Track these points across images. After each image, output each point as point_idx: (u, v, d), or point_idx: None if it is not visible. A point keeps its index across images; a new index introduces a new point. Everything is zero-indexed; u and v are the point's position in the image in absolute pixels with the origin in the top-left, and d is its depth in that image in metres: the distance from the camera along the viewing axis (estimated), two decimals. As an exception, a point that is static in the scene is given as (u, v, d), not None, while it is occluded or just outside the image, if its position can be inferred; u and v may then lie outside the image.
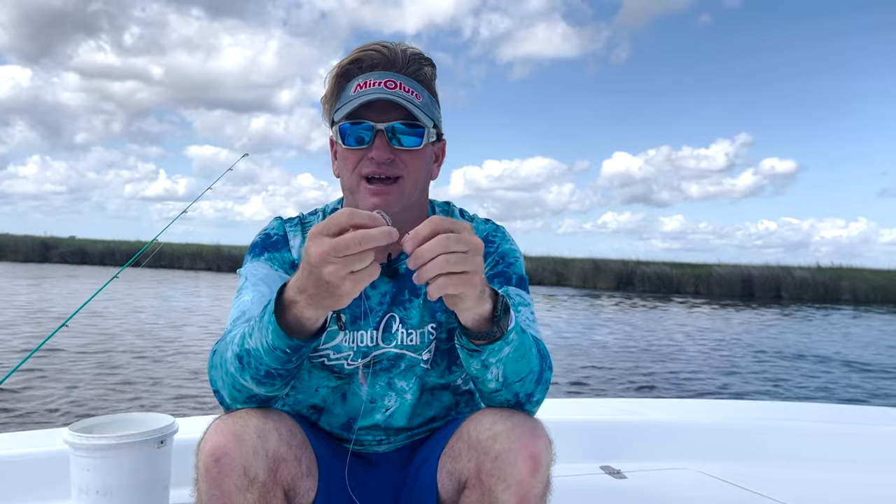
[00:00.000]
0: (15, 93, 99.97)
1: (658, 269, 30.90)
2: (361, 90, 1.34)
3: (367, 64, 1.37)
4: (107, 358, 8.39)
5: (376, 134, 1.32)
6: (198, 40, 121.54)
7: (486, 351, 1.19)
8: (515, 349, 1.21)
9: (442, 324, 1.43)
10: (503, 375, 1.23)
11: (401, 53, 1.38)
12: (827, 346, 12.88)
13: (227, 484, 1.16)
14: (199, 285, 23.12)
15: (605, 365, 9.43)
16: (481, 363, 1.21)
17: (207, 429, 1.22)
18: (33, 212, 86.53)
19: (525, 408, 1.31)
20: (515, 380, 1.25)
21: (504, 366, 1.22)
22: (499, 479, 1.20)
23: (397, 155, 1.33)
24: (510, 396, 1.28)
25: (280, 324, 1.14)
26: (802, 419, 2.87)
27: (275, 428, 1.23)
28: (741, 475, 2.34)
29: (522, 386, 1.27)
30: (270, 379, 1.22)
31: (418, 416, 1.45)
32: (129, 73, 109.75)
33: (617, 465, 2.40)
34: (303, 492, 1.28)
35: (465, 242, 1.05)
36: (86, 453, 1.59)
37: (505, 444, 1.21)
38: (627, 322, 16.40)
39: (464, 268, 1.05)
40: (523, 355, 1.24)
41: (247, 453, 1.17)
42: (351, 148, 1.35)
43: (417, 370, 1.42)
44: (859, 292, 27.31)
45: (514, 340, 1.20)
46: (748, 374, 9.45)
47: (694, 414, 2.93)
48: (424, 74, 1.40)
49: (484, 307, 1.14)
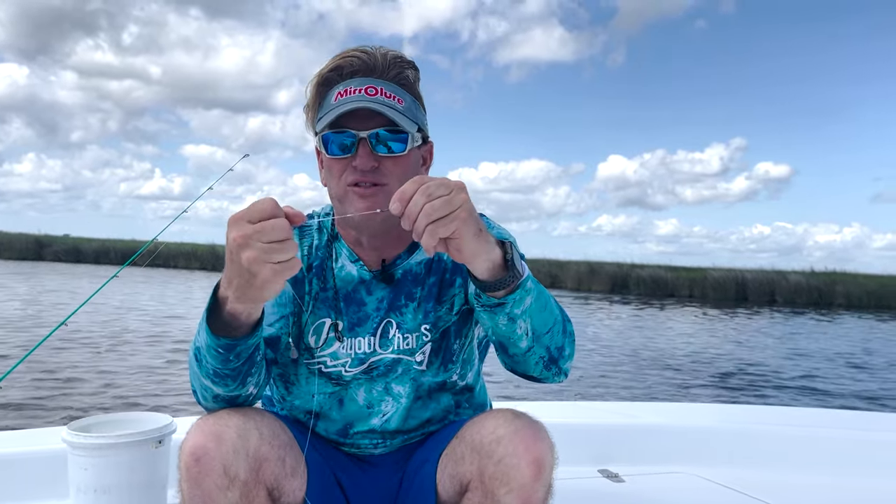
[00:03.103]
0: (12, 90, 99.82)
1: (653, 273, 30.93)
2: (342, 98, 1.33)
3: (347, 71, 1.36)
4: (106, 357, 8.36)
5: (359, 142, 1.32)
6: (196, 40, 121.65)
7: (510, 302, 1.18)
8: (536, 298, 1.21)
9: (436, 322, 1.43)
10: (531, 328, 1.23)
11: (381, 58, 1.37)
12: (825, 349, 12.91)
13: (207, 483, 1.16)
14: (192, 286, 23.05)
15: (603, 368, 9.44)
16: (507, 318, 1.20)
17: (189, 429, 1.22)
18: (28, 209, 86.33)
19: (559, 364, 1.31)
20: (544, 331, 1.25)
21: (531, 318, 1.21)
22: (501, 483, 1.20)
23: (381, 162, 1.33)
24: (543, 352, 1.27)
25: (218, 320, 1.14)
26: (799, 424, 2.88)
27: (256, 427, 1.23)
28: (738, 479, 2.34)
29: (552, 338, 1.27)
30: (221, 379, 1.22)
31: (414, 418, 1.44)
32: (127, 72, 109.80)
33: (615, 468, 2.40)
34: (288, 491, 1.27)
35: (446, 186, 1.07)
36: (84, 452, 1.58)
37: (508, 447, 1.21)
38: (627, 324, 16.41)
39: (449, 209, 1.06)
40: (545, 304, 1.24)
41: (227, 452, 1.17)
42: (335, 157, 1.34)
43: (412, 372, 1.42)
44: (853, 297, 27.43)
45: (533, 289, 1.20)
46: (748, 378, 9.47)
47: (691, 418, 2.93)
48: (407, 78, 1.39)
49: (494, 252, 1.15)
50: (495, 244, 1.16)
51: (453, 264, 1.45)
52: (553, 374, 1.33)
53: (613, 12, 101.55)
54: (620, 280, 30.92)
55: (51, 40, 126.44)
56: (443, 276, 1.44)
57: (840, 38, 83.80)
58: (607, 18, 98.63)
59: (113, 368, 7.71)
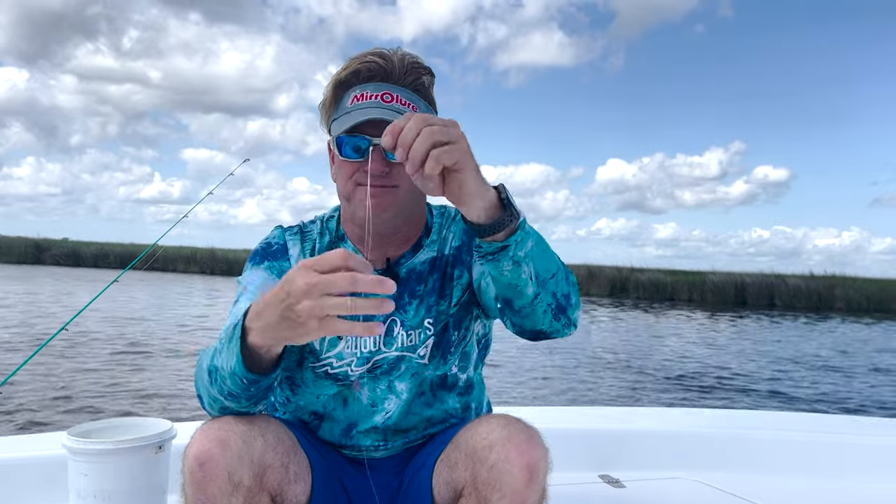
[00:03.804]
0: (11, 94, 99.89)
1: (652, 276, 30.94)
2: (358, 102, 1.34)
3: (364, 75, 1.37)
4: (106, 361, 8.35)
5: (373, 148, 1.32)
6: (196, 44, 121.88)
7: (513, 244, 1.15)
8: (537, 241, 1.20)
9: (437, 316, 1.44)
10: (536, 272, 1.20)
11: (398, 63, 1.38)
12: (825, 355, 12.91)
13: (211, 489, 1.17)
14: (192, 290, 23.04)
15: (602, 372, 9.43)
16: (511, 262, 1.17)
17: (194, 434, 1.23)
18: (27, 213, 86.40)
19: (567, 313, 1.29)
20: (548, 276, 1.23)
21: (534, 261, 1.19)
22: (494, 489, 1.20)
23: (393, 167, 1.34)
24: (550, 299, 1.25)
25: (244, 350, 1.13)
26: (800, 429, 2.88)
27: (260, 434, 1.24)
28: (739, 485, 2.34)
29: (557, 284, 1.25)
30: (235, 399, 1.22)
31: (414, 414, 1.44)
32: (127, 77, 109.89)
33: (615, 474, 2.40)
34: (291, 497, 1.28)
35: (441, 120, 1.06)
36: (84, 458, 1.58)
37: (501, 453, 1.21)
38: (627, 328, 16.41)
39: (448, 137, 1.04)
40: (546, 248, 1.23)
41: (231, 458, 1.18)
42: (348, 160, 1.36)
43: (414, 366, 1.43)
44: (852, 301, 27.41)
45: (532, 231, 1.19)
46: (749, 383, 9.46)
47: (692, 423, 2.93)
48: (422, 84, 1.40)
49: (490, 192, 1.13)
50: (489, 185, 1.13)
51: (454, 258, 1.46)
52: (563, 326, 1.30)
53: (612, 17, 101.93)
54: (620, 284, 30.92)
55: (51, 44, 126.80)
56: (444, 270, 1.46)
57: (839, 42, 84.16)
58: (606, 23, 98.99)
59: (115, 372, 7.70)
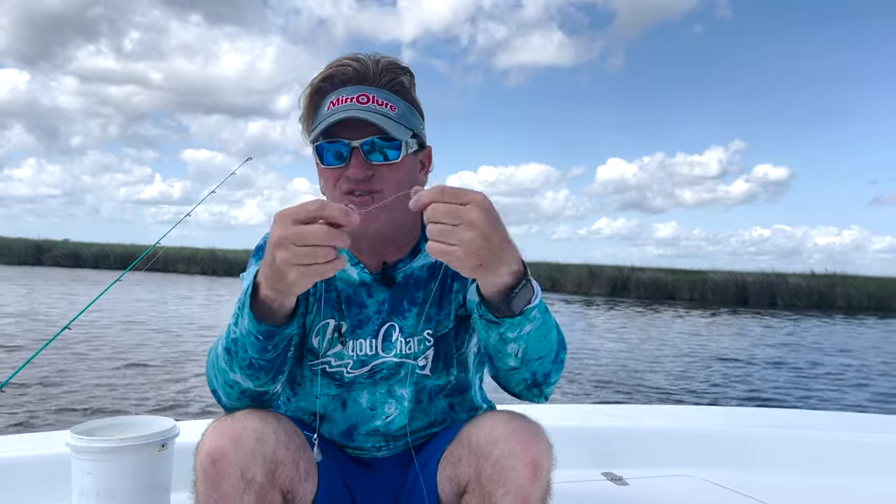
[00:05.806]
0: (12, 96, 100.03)
1: (653, 276, 30.93)
2: (334, 107, 1.32)
3: (339, 79, 1.36)
4: (109, 361, 8.35)
5: (352, 151, 1.31)
6: (197, 46, 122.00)
7: (506, 325, 1.17)
8: (538, 328, 1.20)
9: (437, 327, 1.43)
10: (523, 353, 1.22)
11: (373, 65, 1.36)
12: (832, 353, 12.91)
13: (224, 486, 1.17)
14: (193, 291, 23.05)
15: (603, 372, 9.43)
16: (499, 337, 1.20)
17: (206, 430, 1.23)
18: (27, 214, 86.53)
19: (541, 388, 1.30)
20: (535, 358, 1.24)
21: (525, 344, 1.21)
22: (498, 484, 1.20)
23: (376, 170, 1.32)
24: (528, 375, 1.27)
25: (254, 307, 1.17)
26: (804, 427, 2.87)
27: (273, 431, 1.23)
28: (742, 482, 2.34)
29: (541, 365, 1.26)
30: (255, 371, 1.23)
31: (416, 419, 1.45)
32: (128, 78, 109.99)
33: (619, 471, 2.40)
34: (301, 495, 1.28)
35: (455, 216, 1.06)
36: (87, 456, 1.58)
37: (505, 448, 1.21)
38: (627, 328, 16.41)
39: (447, 239, 1.06)
40: (545, 335, 1.23)
41: (244, 455, 1.18)
42: (329, 167, 1.34)
43: (415, 376, 1.43)
44: (853, 299, 27.41)
45: (538, 319, 1.19)
46: (749, 382, 9.46)
47: (695, 421, 2.93)
48: (401, 84, 1.38)
49: (500, 280, 1.13)
50: (510, 274, 1.13)
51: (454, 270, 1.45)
52: (533, 396, 1.33)
53: (612, 17, 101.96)
54: (621, 283, 30.92)
55: (52, 46, 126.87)
56: (444, 281, 1.44)
57: (838, 41, 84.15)
58: (606, 23, 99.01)
59: (117, 371, 7.70)
